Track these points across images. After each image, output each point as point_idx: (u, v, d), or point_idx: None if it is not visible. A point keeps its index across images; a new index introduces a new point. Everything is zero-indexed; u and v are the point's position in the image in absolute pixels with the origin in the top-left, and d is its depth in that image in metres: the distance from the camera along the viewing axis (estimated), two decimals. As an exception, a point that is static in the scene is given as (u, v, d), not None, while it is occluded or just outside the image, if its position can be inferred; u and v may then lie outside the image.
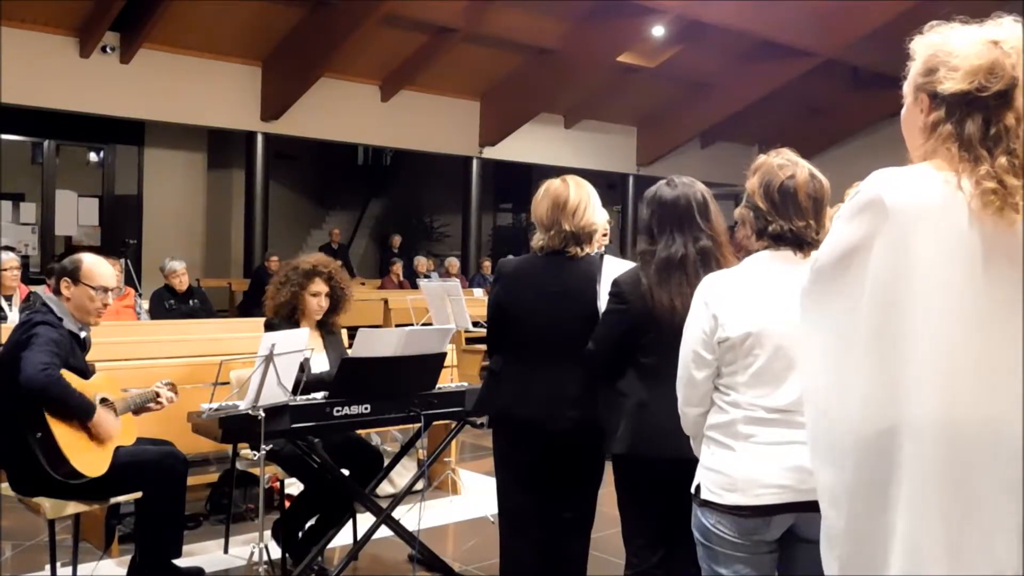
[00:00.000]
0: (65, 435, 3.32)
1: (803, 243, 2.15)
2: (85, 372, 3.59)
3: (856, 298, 1.47)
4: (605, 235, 4.65)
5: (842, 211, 1.52)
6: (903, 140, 1.67)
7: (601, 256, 3.09)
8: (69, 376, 3.37)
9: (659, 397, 2.57)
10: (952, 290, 1.43)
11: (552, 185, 3.11)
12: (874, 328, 1.45)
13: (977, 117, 1.47)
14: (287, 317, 4.10)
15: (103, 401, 3.50)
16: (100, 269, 3.63)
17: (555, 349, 3.04)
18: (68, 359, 3.45)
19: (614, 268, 2.97)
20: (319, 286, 4.12)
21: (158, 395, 3.72)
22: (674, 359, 2.26)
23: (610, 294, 2.80)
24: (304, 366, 3.64)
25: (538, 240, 3.11)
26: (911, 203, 1.44)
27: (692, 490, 2.20)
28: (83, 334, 3.62)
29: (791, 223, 2.14)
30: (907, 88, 1.59)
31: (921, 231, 1.43)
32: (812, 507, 2.03)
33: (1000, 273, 1.44)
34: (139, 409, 3.71)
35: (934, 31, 1.54)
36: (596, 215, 3.08)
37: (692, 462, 2.25)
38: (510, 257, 3.39)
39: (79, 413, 3.36)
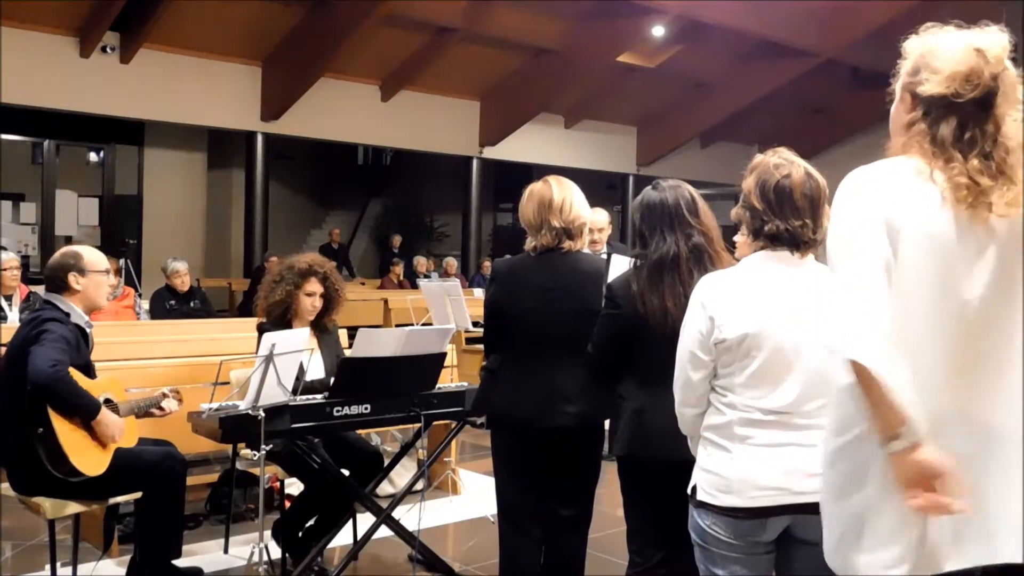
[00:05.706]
0: (66, 433, 3.32)
1: (800, 243, 2.15)
2: (89, 370, 3.60)
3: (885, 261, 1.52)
4: (596, 243, 4.66)
5: (834, 206, 1.59)
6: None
7: (608, 255, 3.11)
8: (76, 375, 3.38)
9: (656, 400, 2.58)
10: (932, 267, 1.50)
11: (535, 188, 3.17)
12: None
13: (952, 120, 1.50)
14: (279, 318, 4.05)
15: (106, 402, 3.51)
16: (97, 255, 3.72)
17: (552, 346, 3.06)
18: (75, 357, 3.45)
19: (620, 267, 2.99)
20: (314, 286, 4.10)
21: (162, 406, 3.73)
22: (670, 362, 2.26)
23: (604, 298, 2.81)
24: (299, 374, 3.64)
25: (530, 242, 3.16)
26: (889, 184, 1.52)
27: (688, 491, 2.20)
28: (89, 329, 3.64)
29: (787, 223, 2.13)
30: (897, 85, 1.62)
31: (902, 208, 1.50)
32: (808, 509, 2.04)
33: (981, 256, 1.50)
34: (142, 414, 3.71)
35: (927, 32, 1.57)
36: (582, 209, 3.15)
37: (692, 463, 2.25)
38: (506, 257, 3.42)
39: (84, 412, 3.36)
